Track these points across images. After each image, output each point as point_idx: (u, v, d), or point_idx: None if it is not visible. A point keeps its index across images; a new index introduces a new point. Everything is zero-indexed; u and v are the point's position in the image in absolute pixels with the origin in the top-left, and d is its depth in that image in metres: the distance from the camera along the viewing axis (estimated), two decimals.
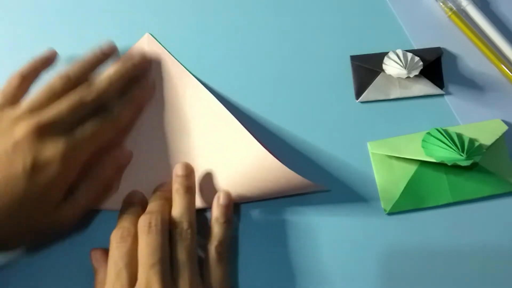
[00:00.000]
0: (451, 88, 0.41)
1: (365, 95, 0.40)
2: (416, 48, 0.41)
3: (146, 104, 0.39)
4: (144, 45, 0.40)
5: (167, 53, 0.40)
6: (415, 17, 0.42)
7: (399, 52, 0.39)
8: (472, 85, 0.41)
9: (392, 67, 0.38)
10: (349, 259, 0.37)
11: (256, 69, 0.40)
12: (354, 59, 0.41)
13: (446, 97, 0.40)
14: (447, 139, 0.37)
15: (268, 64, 0.40)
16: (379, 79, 0.40)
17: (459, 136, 0.37)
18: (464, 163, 0.35)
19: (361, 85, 0.40)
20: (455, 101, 0.40)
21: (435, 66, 0.41)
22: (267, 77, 0.40)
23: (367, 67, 0.40)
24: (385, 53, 0.39)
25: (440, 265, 0.37)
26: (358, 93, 0.40)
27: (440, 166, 0.38)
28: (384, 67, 0.39)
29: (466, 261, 0.37)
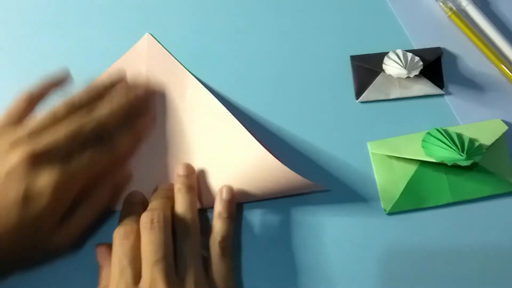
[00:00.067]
0: (451, 88, 0.41)
1: (365, 95, 0.40)
2: (416, 48, 0.41)
3: (147, 135, 0.38)
4: (144, 45, 0.40)
5: (167, 53, 0.40)
6: (415, 17, 0.42)
7: (399, 52, 0.39)
8: (472, 85, 0.41)
9: (392, 67, 0.38)
10: (349, 259, 0.37)
11: (256, 69, 0.40)
12: (354, 59, 0.41)
13: (446, 97, 0.40)
14: (447, 139, 0.37)
15: (268, 64, 0.40)
16: (379, 79, 0.40)
17: (459, 136, 0.37)
18: (464, 163, 0.35)
19: (361, 85, 0.40)
20: (455, 101, 0.40)
21: (435, 66, 0.41)
22: (267, 77, 0.40)
23: (367, 67, 0.40)
24: (385, 53, 0.39)
25: (440, 265, 0.37)
26: (358, 93, 0.40)
27: (440, 166, 0.38)
28: (384, 67, 0.39)
29: (466, 261, 0.37)
